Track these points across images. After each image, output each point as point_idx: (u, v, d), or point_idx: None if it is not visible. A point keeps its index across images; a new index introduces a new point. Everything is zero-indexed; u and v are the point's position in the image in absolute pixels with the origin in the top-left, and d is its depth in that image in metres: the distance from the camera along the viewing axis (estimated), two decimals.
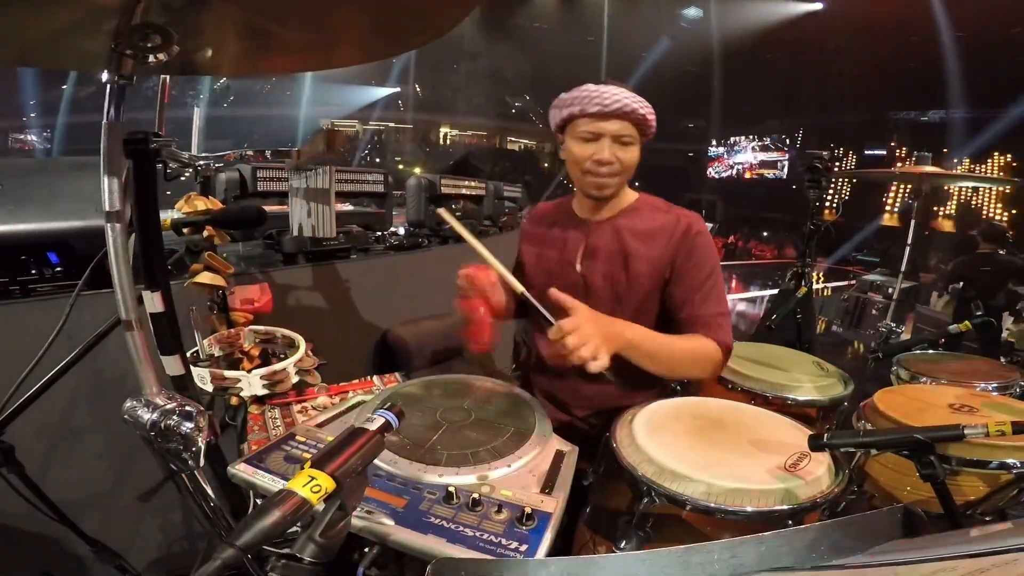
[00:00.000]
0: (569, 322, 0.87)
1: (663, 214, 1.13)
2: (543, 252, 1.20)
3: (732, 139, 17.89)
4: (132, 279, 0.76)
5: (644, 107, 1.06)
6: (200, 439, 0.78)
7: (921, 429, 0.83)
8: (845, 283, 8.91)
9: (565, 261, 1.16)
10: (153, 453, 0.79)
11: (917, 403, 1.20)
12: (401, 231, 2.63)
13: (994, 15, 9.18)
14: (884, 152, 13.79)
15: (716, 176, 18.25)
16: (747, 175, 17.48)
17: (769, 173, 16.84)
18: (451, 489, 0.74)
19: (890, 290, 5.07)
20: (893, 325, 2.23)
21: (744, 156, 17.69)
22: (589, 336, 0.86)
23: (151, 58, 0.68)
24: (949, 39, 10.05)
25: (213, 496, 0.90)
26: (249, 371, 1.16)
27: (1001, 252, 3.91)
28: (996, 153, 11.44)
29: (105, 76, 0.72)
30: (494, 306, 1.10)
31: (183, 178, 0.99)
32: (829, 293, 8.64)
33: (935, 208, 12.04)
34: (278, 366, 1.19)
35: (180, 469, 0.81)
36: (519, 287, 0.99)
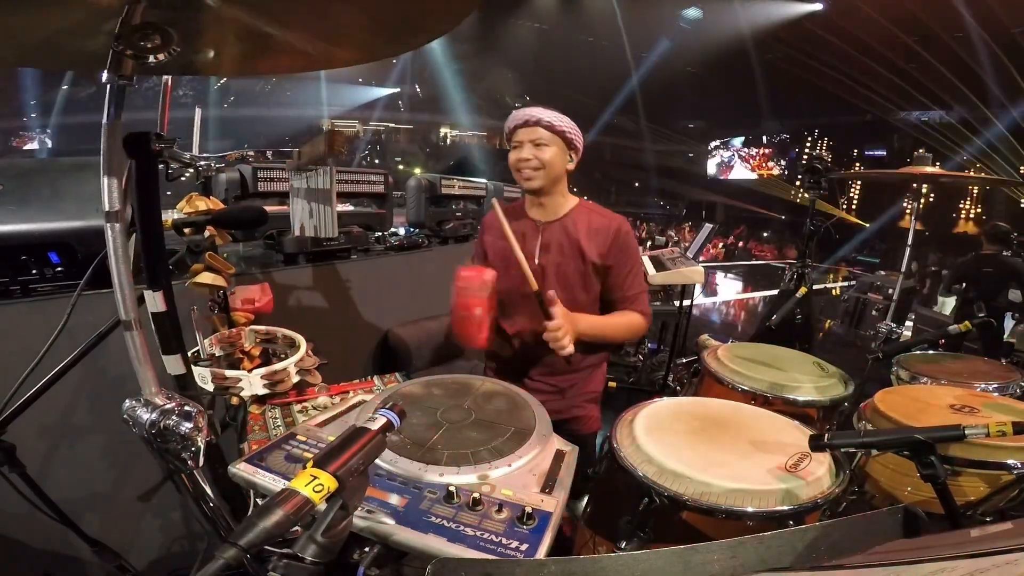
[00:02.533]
0: (558, 319, 1.22)
1: (599, 216, 1.42)
2: (503, 245, 1.39)
3: (732, 139, 17.89)
4: (132, 279, 0.76)
5: (553, 117, 1.36)
6: (199, 439, 0.78)
7: (921, 429, 0.83)
8: (846, 283, 8.92)
9: (525, 253, 1.35)
10: (153, 453, 0.79)
11: (917, 403, 1.20)
12: (401, 231, 2.63)
13: (994, 15, 9.17)
14: (884, 152, 13.80)
15: (716, 176, 18.25)
16: (747, 175, 17.48)
17: (769, 173, 16.84)
18: (452, 488, 0.74)
19: (890, 290, 5.08)
20: (893, 325, 2.22)
21: (744, 156, 17.69)
22: (568, 330, 1.22)
23: (151, 58, 0.68)
24: (949, 39, 10.04)
25: (213, 496, 0.90)
26: (250, 371, 1.16)
27: (1006, 253, 3.90)
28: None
29: (105, 76, 0.72)
30: (490, 305, 1.29)
31: (183, 178, 0.99)
32: (838, 292, 8.63)
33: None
34: (279, 366, 1.19)
35: (180, 469, 0.81)
36: (535, 285, 1.24)
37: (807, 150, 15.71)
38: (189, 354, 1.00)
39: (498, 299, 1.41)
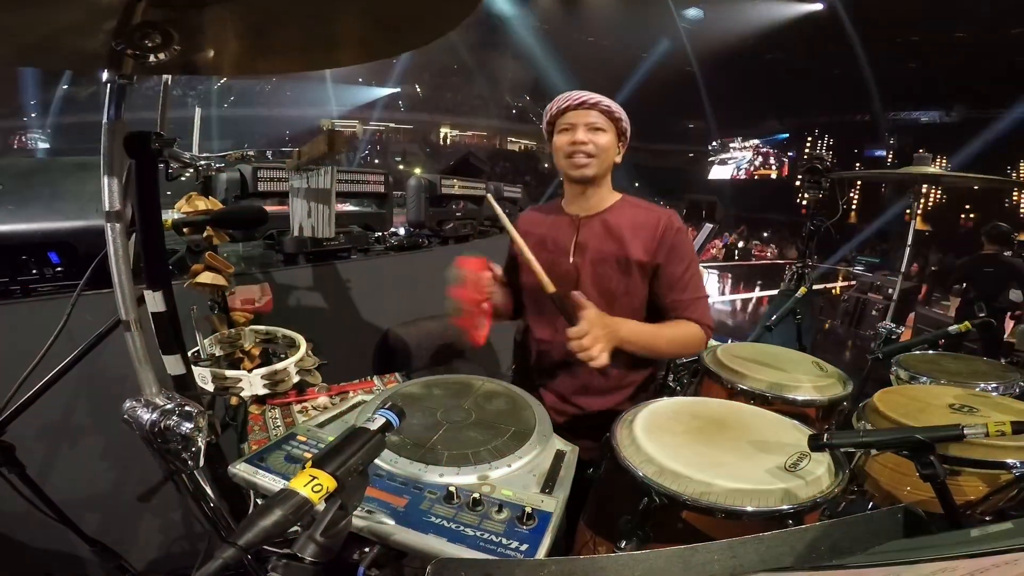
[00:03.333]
0: (584, 325, 1.01)
1: (644, 211, 1.27)
2: (536, 246, 1.28)
3: (732, 139, 17.90)
4: (132, 279, 0.76)
5: (609, 102, 1.23)
6: (200, 439, 0.78)
7: (921, 429, 0.83)
8: (846, 283, 8.92)
9: (559, 253, 1.26)
10: (153, 453, 0.79)
11: (917, 403, 1.20)
12: (401, 231, 2.64)
13: (995, 16, 9.18)
14: (884, 152, 13.81)
15: (716, 176, 18.25)
16: (747, 175, 17.48)
17: (769, 174, 16.85)
18: (452, 489, 0.74)
19: (890, 291, 5.08)
20: (893, 326, 2.23)
21: (744, 156, 17.69)
22: (599, 338, 1.02)
23: (152, 58, 0.68)
24: (949, 39, 10.05)
25: (213, 496, 0.90)
26: (250, 371, 1.16)
27: (1007, 253, 3.89)
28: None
29: (105, 76, 0.72)
30: (490, 300, 1.21)
31: (183, 178, 0.99)
32: (838, 291, 8.63)
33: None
34: (279, 366, 1.19)
35: (180, 469, 0.81)
36: (551, 287, 1.09)
37: (807, 150, 15.71)
38: (189, 354, 1.00)
39: (527, 304, 1.32)
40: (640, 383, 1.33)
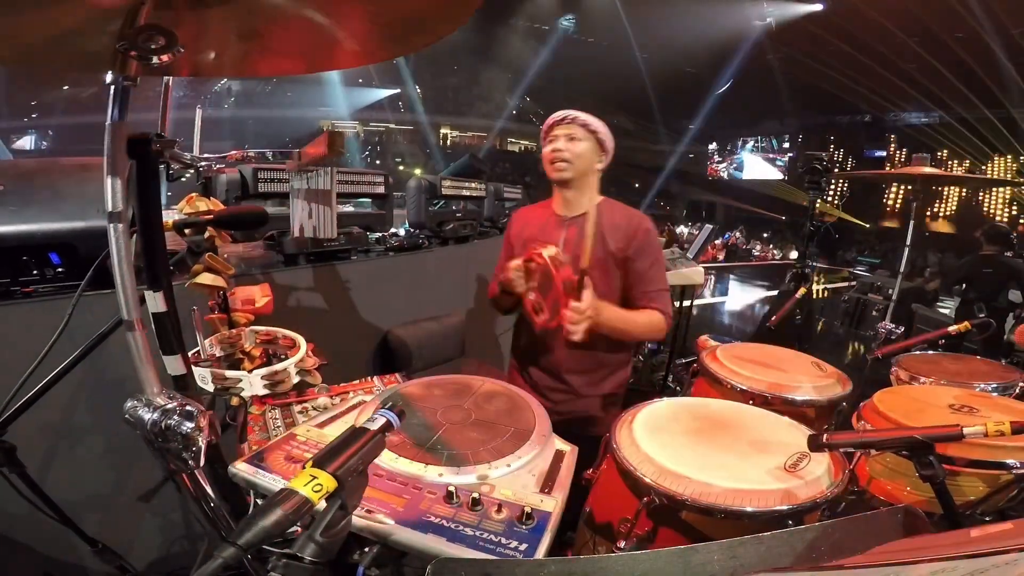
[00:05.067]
0: (586, 302, 1.21)
1: (622, 212, 1.49)
2: (530, 240, 1.48)
3: (732, 140, 17.90)
4: (134, 279, 0.76)
5: (589, 117, 1.46)
6: (201, 439, 0.78)
7: (920, 429, 0.83)
8: (845, 284, 8.92)
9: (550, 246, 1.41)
10: (153, 453, 0.79)
11: (917, 403, 1.20)
12: (401, 232, 2.64)
13: (995, 16, 9.18)
14: (884, 153, 13.80)
15: (716, 177, 18.26)
16: (747, 176, 17.48)
17: (769, 174, 16.85)
18: (451, 488, 0.74)
19: (890, 291, 5.08)
20: (893, 326, 2.23)
21: (744, 157, 17.70)
22: (589, 316, 1.22)
23: (155, 59, 0.68)
24: (949, 39, 10.04)
25: (213, 496, 0.90)
26: (250, 371, 1.16)
27: (1007, 254, 3.89)
28: (995, 156, 11.47)
29: (109, 77, 0.72)
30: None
31: (184, 179, 0.99)
32: (829, 294, 8.64)
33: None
34: (279, 366, 1.19)
35: (180, 469, 0.81)
36: (586, 262, 1.22)
37: (807, 150, 15.72)
38: (189, 355, 1.01)
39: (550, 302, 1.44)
40: (617, 363, 1.53)
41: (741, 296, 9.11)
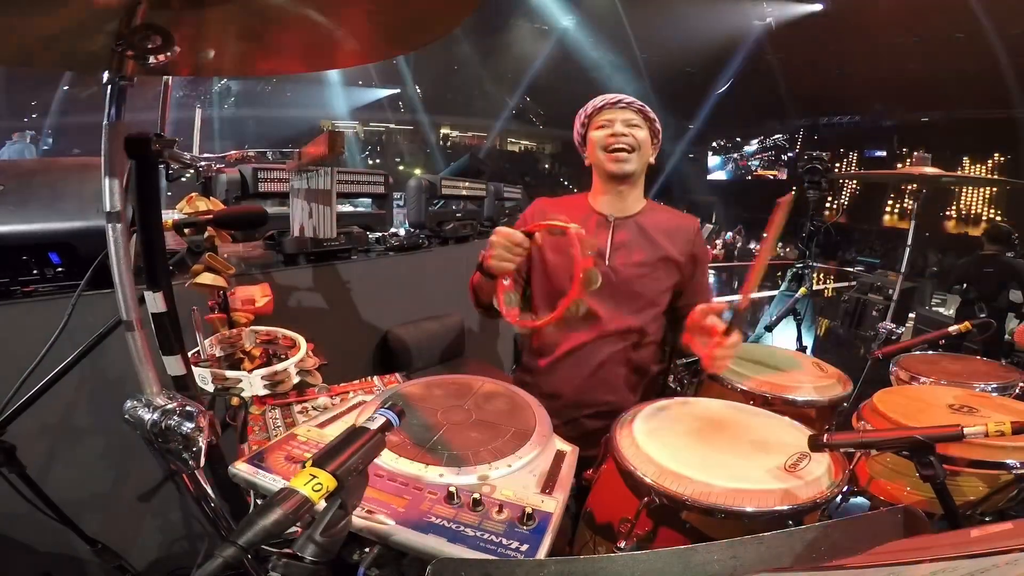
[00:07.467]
0: (737, 336, 1.03)
1: (675, 215, 1.32)
2: (556, 245, 1.22)
3: (732, 140, 17.89)
4: (133, 279, 0.76)
5: (643, 103, 1.27)
6: (201, 439, 0.78)
7: (920, 429, 0.83)
8: (845, 284, 8.91)
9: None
10: (153, 453, 0.79)
11: (917, 404, 1.20)
12: (401, 232, 2.63)
13: (995, 16, 9.18)
14: (884, 153, 13.81)
15: (716, 177, 18.25)
16: (747, 176, 17.48)
17: (769, 174, 16.85)
18: (452, 489, 0.74)
19: (890, 291, 5.08)
20: (893, 326, 2.23)
21: (744, 157, 17.69)
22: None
23: (152, 59, 0.68)
24: (949, 39, 10.05)
25: (213, 496, 0.90)
26: (250, 371, 1.16)
27: (1008, 254, 3.89)
28: (996, 154, 11.48)
29: (106, 77, 0.72)
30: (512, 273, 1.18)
31: (183, 179, 0.99)
32: (830, 293, 8.64)
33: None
34: (279, 366, 1.19)
35: (180, 469, 0.81)
36: (747, 303, 1.08)
37: (807, 150, 15.71)
38: (189, 355, 1.01)
39: (544, 308, 1.26)
40: (653, 376, 1.37)
41: (740, 296, 9.07)
